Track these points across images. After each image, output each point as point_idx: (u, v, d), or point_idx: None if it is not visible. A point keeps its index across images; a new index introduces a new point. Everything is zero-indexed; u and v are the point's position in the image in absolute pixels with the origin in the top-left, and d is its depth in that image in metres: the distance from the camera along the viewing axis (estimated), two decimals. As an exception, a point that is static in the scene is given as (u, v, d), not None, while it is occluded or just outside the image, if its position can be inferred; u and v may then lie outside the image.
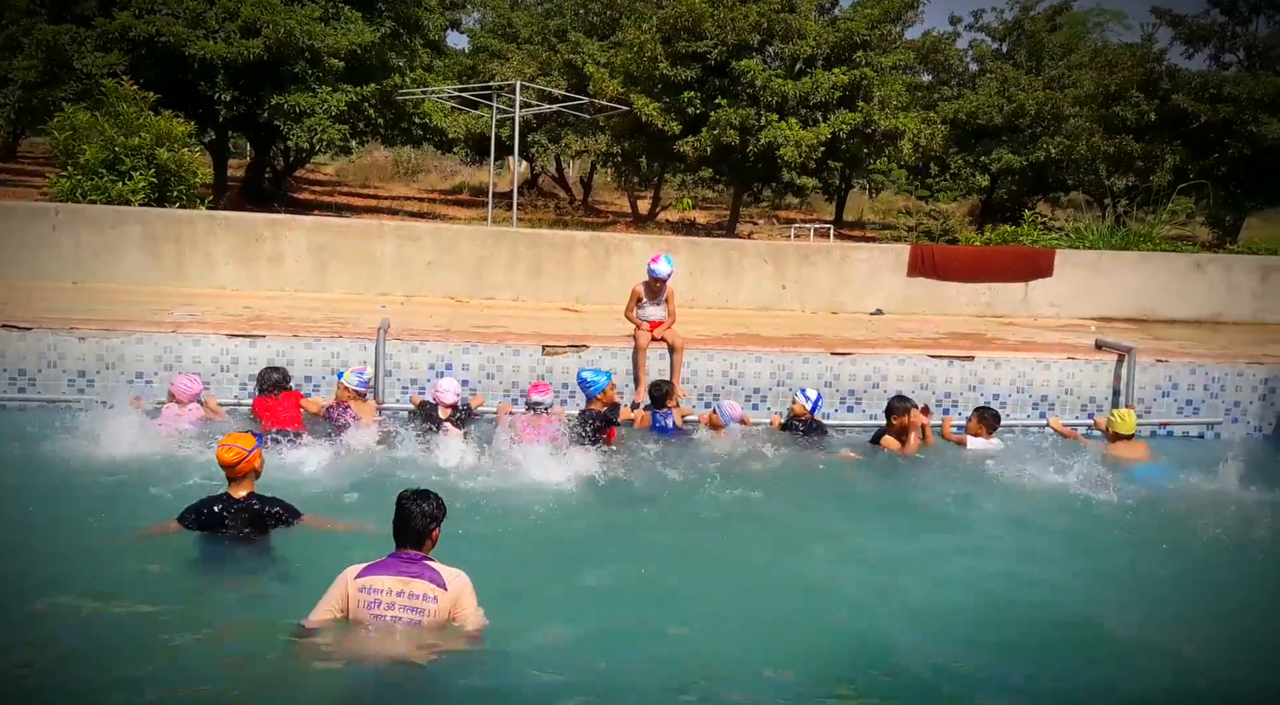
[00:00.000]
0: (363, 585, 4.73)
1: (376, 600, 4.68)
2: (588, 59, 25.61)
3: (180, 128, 15.09)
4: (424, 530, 4.86)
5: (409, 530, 4.86)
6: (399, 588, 4.69)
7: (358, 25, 21.07)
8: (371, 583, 4.72)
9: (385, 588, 4.70)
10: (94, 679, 4.64)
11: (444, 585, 4.72)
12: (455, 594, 4.72)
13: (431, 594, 4.69)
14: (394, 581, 4.71)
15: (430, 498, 4.95)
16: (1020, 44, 30.55)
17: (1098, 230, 17.00)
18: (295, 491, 7.00)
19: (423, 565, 4.78)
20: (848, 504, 7.94)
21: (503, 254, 12.88)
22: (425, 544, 4.88)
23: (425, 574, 4.74)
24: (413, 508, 4.87)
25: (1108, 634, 5.76)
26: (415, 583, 4.70)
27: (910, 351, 10.45)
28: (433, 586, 4.70)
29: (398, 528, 4.88)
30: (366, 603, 4.69)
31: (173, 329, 9.55)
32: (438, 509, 4.94)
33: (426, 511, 4.88)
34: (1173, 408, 10.49)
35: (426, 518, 4.87)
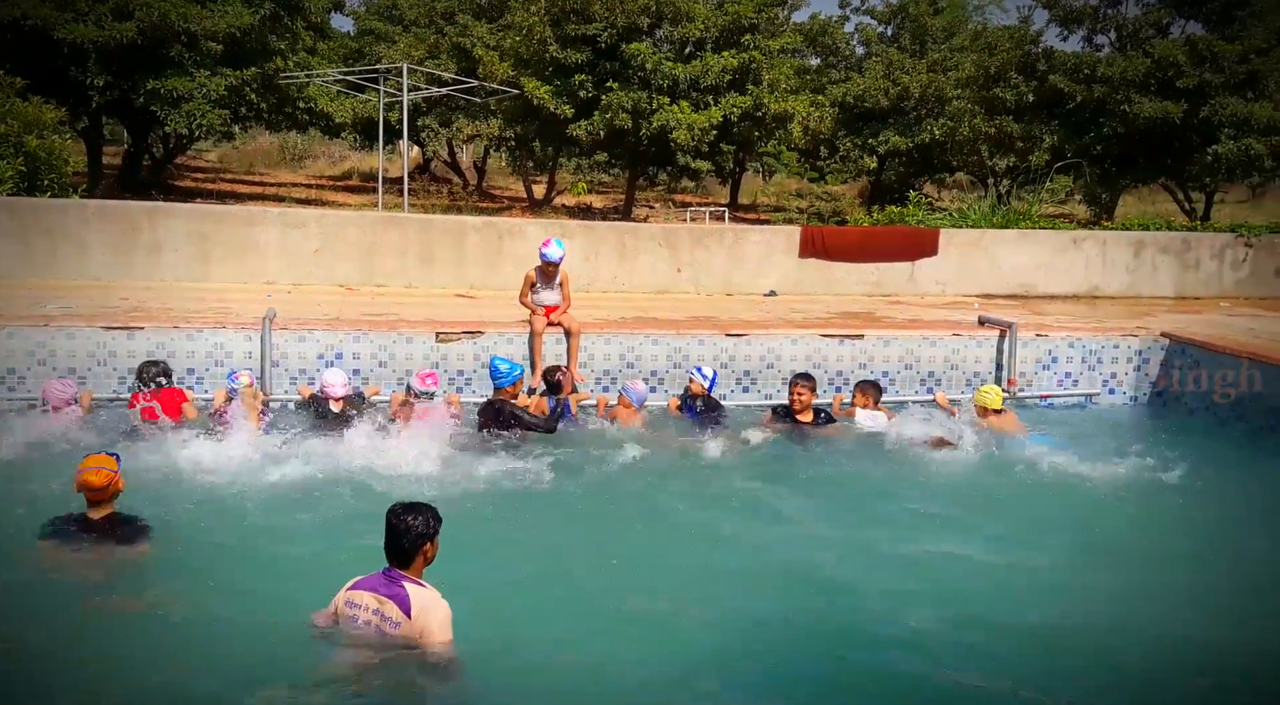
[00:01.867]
0: (348, 598, 4.69)
1: (355, 615, 4.64)
2: (476, 42, 25.26)
3: (50, 114, 14.44)
4: (412, 549, 4.64)
5: (397, 549, 4.65)
6: (375, 606, 4.61)
7: (236, 7, 20.38)
8: (354, 597, 4.67)
9: (364, 604, 4.63)
10: None
11: (410, 614, 4.53)
12: (421, 625, 4.52)
13: (397, 619, 4.55)
14: (372, 599, 4.62)
15: (421, 512, 4.69)
16: (905, 28, 31.21)
17: (980, 210, 17.51)
18: (176, 489, 6.82)
19: (399, 586, 4.59)
20: (752, 481, 8.02)
21: (393, 240, 12.65)
22: (414, 562, 4.66)
23: (399, 598, 4.57)
24: (400, 525, 4.64)
25: (1001, 598, 6.02)
26: (388, 605, 4.58)
27: (803, 331, 10.63)
28: (400, 612, 4.54)
29: (386, 545, 4.68)
30: (348, 616, 4.66)
31: (44, 322, 9.13)
32: (428, 525, 4.67)
33: (415, 529, 4.63)
34: (1053, 380, 10.91)
35: (416, 536, 4.63)
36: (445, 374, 9.68)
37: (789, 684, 5.03)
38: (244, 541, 6.17)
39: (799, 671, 5.15)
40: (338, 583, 4.82)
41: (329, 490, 7.12)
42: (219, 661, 4.89)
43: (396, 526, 4.65)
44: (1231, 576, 6.50)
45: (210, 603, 5.41)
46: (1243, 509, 7.72)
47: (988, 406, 9.56)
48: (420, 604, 4.56)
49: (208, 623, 5.23)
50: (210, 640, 5.08)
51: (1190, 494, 7.79)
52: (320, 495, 7.03)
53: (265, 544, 6.19)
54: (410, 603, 4.55)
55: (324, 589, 4.88)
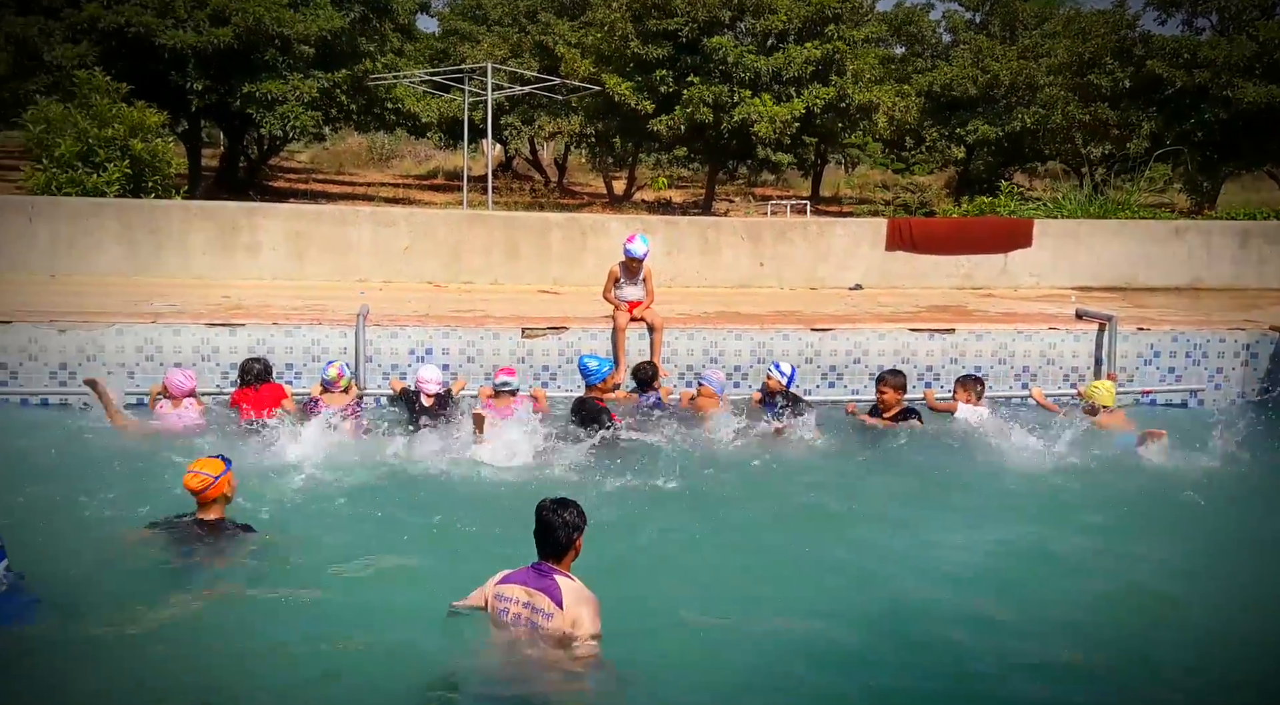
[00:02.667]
0: (498, 592, 4.79)
1: (505, 608, 4.73)
2: (558, 40, 25.48)
3: (153, 118, 14.96)
4: (566, 542, 4.73)
5: (550, 543, 4.73)
6: (525, 598, 4.69)
7: (327, 11, 20.88)
8: (504, 591, 4.77)
9: (514, 597, 4.72)
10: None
11: (561, 604, 4.61)
12: (573, 615, 4.59)
13: (549, 611, 4.62)
14: (522, 592, 4.71)
15: (570, 507, 4.79)
16: (994, 14, 30.54)
17: (1075, 199, 17.06)
18: (275, 482, 6.99)
19: (551, 579, 4.68)
20: (844, 476, 7.92)
21: (479, 238, 12.82)
22: (566, 556, 4.76)
23: (550, 590, 4.65)
24: (554, 519, 4.72)
25: (1101, 598, 5.85)
26: (539, 596, 4.66)
27: (890, 325, 10.47)
28: (552, 603, 4.62)
29: (538, 539, 4.76)
30: (498, 609, 4.76)
31: (152, 319, 9.47)
32: (579, 518, 4.78)
33: (568, 522, 4.73)
34: (1155, 376, 10.56)
35: (569, 528, 4.72)
36: (530, 369, 9.77)
37: (890, 675, 4.98)
38: (346, 535, 6.29)
39: (898, 662, 5.11)
40: (438, 573, 4.90)
41: (422, 483, 7.26)
42: (355, 653, 4.99)
43: (550, 521, 4.72)
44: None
45: (319, 596, 5.54)
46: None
47: (1098, 403, 9.25)
48: (572, 595, 4.65)
49: (322, 616, 5.34)
50: (335, 633, 5.17)
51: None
52: (414, 488, 7.17)
53: (367, 537, 6.29)
54: (561, 594, 4.64)
55: (427, 580, 5.03)
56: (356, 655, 4.98)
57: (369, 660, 4.93)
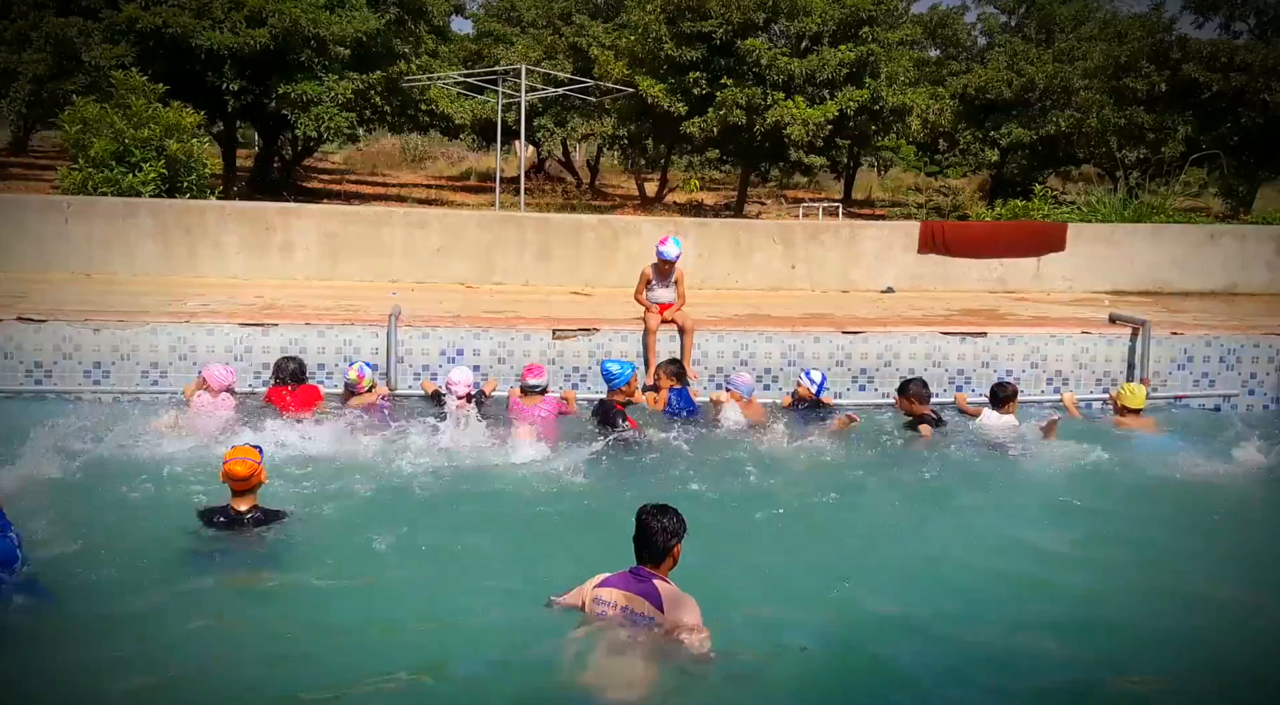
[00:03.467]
0: (596, 596, 4.84)
1: (604, 611, 4.79)
2: (592, 41, 25.55)
3: (189, 119, 15.12)
4: (665, 548, 4.78)
5: (650, 548, 4.79)
6: (624, 603, 4.75)
7: (362, 12, 21.04)
8: (602, 594, 4.82)
9: (612, 601, 4.78)
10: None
11: (662, 608, 4.66)
12: (675, 620, 4.65)
13: (650, 615, 4.68)
14: (621, 596, 4.77)
15: (670, 513, 4.84)
16: (1030, 17, 30.30)
17: (1110, 203, 16.90)
18: (306, 477, 7.07)
19: (651, 584, 4.73)
20: (867, 482, 7.86)
21: (511, 239, 12.88)
22: (665, 562, 4.81)
23: (649, 594, 4.70)
24: (654, 524, 4.78)
25: (1119, 604, 5.82)
26: (639, 601, 4.71)
27: (922, 329, 10.41)
28: (654, 608, 4.67)
29: (638, 544, 4.82)
30: (597, 612, 4.82)
31: (186, 319, 9.59)
32: (678, 525, 4.83)
33: (668, 528, 4.78)
34: (1188, 381, 10.43)
35: (668, 534, 4.78)
36: (561, 371, 9.80)
37: (901, 674, 5.00)
38: (377, 532, 6.31)
39: (915, 659, 5.13)
40: (466, 573, 4.93)
41: (449, 483, 7.31)
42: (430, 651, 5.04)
43: (651, 526, 4.78)
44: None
45: (362, 582, 5.65)
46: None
47: (1128, 406, 9.18)
48: (671, 598, 4.69)
49: (374, 601, 5.45)
50: (393, 618, 5.28)
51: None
52: (441, 488, 7.22)
53: (402, 534, 6.33)
54: (661, 597, 4.68)
55: (465, 580, 5.18)
56: (418, 642, 5.06)
57: (434, 649, 5.00)
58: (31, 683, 4.60)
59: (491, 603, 5.46)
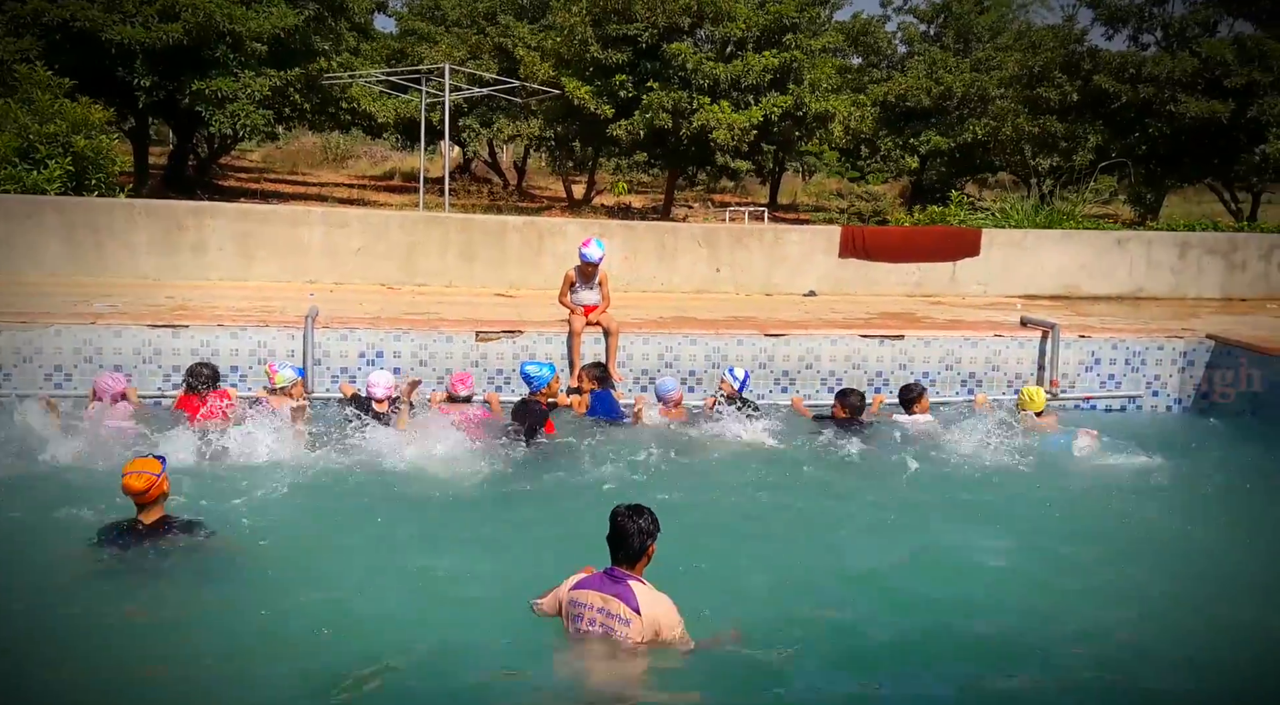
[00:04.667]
0: (572, 597, 4.85)
1: (580, 613, 4.79)
2: (518, 42, 25.40)
3: (98, 115, 14.67)
4: (640, 548, 4.81)
5: (626, 548, 4.80)
6: (600, 604, 4.75)
7: (280, 8, 20.61)
8: (578, 596, 4.82)
9: (589, 602, 4.78)
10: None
11: (638, 610, 4.68)
12: (652, 621, 4.69)
13: (626, 617, 4.69)
14: (597, 597, 4.77)
15: (645, 513, 4.86)
16: (948, 26, 30.95)
17: (1023, 209, 17.31)
18: (227, 486, 6.89)
19: (626, 586, 4.75)
20: (780, 481, 7.94)
21: (434, 240, 12.74)
22: (640, 562, 4.84)
23: (625, 596, 4.72)
24: (630, 525, 4.80)
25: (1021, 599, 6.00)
26: (614, 602, 4.73)
27: (842, 332, 10.56)
28: (629, 610, 4.69)
29: (613, 544, 4.83)
30: (573, 615, 4.82)
31: (92, 321, 9.30)
32: (652, 525, 4.86)
33: (643, 528, 4.80)
34: (1095, 382, 10.75)
35: (643, 534, 4.80)
36: (485, 373, 9.73)
37: (822, 666, 5.09)
38: (293, 539, 6.23)
39: (834, 651, 5.24)
40: (402, 575, 5.07)
41: (365, 487, 7.22)
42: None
43: (626, 527, 4.80)
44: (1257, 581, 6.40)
45: (287, 592, 5.53)
46: (1272, 508, 7.60)
47: (1030, 409, 9.45)
48: (647, 599, 4.73)
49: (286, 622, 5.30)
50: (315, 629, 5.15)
51: (1224, 497, 7.69)
52: (357, 492, 7.13)
53: (311, 540, 6.26)
54: (637, 599, 4.71)
55: (394, 583, 5.21)
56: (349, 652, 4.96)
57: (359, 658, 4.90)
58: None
59: (425, 606, 5.42)
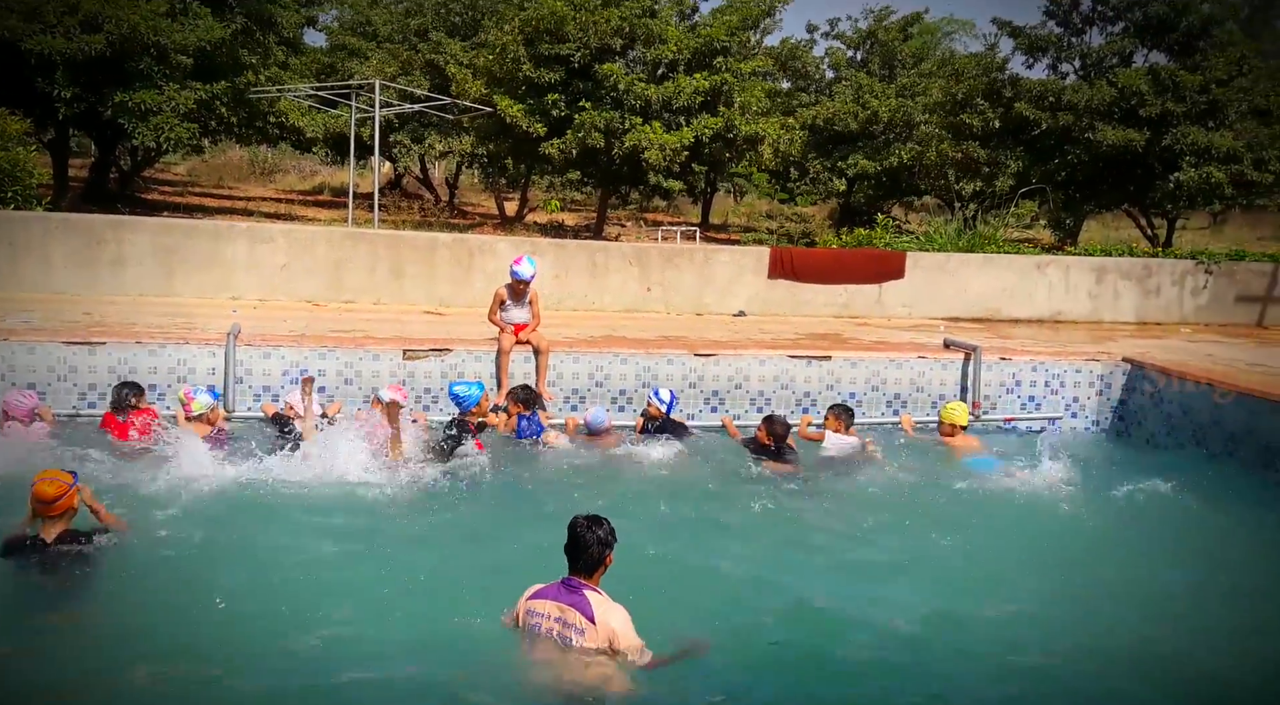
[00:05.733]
0: (529, 607, 4.95)
1: (538, 623, 4.89)
2: (450, 59, 25.31)
3: (15, 126, 14.30)
4: (598, 558, 4.89)
5: (583, 558, 4.89)
6: (557, 613, 4.85)
7: (207, 21, 20.25)
8: (535, 606, 4.93)
9: (546, 612, 4.89)
10: None
11: (593, 619, 4.77)
12: (606, 632, 4.78)
13: (581, 626, 4.78)
14: (554, 607, 4.87)
15: (602, 523, 4.95)
16: (874, 53, 31.56)
17: (946, 233, 17.69)
18: (150, 504, 6.74)
19: (581, 595, 4.84)
20: (699, 502, 7.98)
21: (362, 256, 12.61)
22: (597, 571, 4.92)
23: (580, 605, 4.81)
24: (589, 535, 4.88)
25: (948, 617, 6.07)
26: (570, 612, 4.82)
27: (771, 352, 10.68)
28: (584, 619, 4.78)
29: (570, 554, 4.91)
30: (530, 624, 4.93)
31: (5, 337, 9.01)
32: (610, 535, 4.95)
33: (601, 538, 4.89)
34: (1016, 404, 11.01)
35: (601, 544, 4.89)
36: (413, 392, 9.63)
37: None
38: (217, 554, 6.13)
39: (748, 680, 5.22)
40: (318, 591, 5.02)
41: (290, 505, 7.10)
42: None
43: (584, 537, 4.89)
44: (1163, 599, 6.59)
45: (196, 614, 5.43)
46: (1183, 529, 7.84)
47: (955, 423, 9.64)
48: (601, 608, 4.83)
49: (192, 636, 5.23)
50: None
51: (1134, 516, 7.92)
52: (282, 510, 7.01)
53: (239, 556, 6.15)
54: (592, 608, 4.81)
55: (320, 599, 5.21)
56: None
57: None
58: None
59: (350, 617, 5.41)
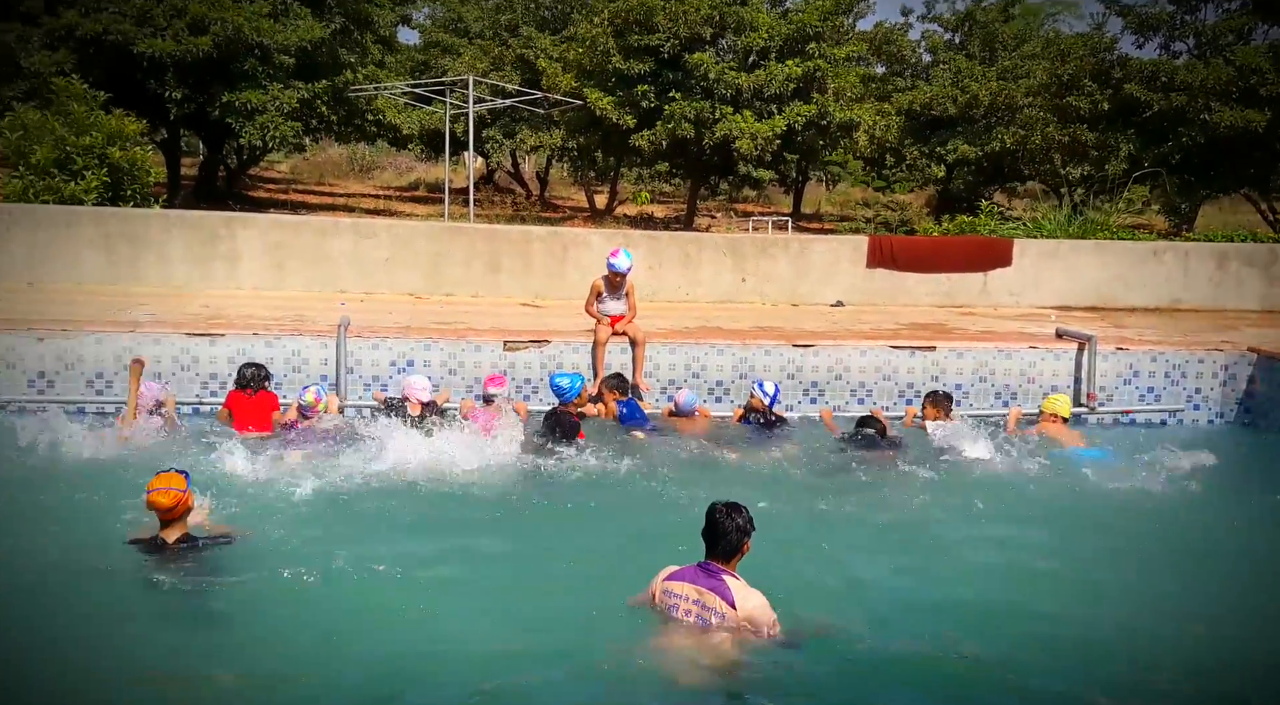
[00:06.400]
0: (666, 587, 4.99)
1: (675, 604, 4.93)
2: (540, 53, 25.51)
3: (132, 126, 14.81)
4: (736, 545, 4.92)
5: (721, 545, 4.92)
6: (695, 596, 4.88)
7: (307, 21, 20.78)
8: (673, 587, 4.96)
9: (684, 594, 4.92)
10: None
11: (734, 605, 4.81)
12: (746, 616, 4.81)
13: (721, 611, 4.81)
14: (692, 590, 4.90)
15: (741, 511, 4.97)
16: (973, 35, 30.80)
17: (1055, 219, 17.17)
18: (263, 494, 6.89)
19: (720, 580, 4.87)
20: (801, 494, 7.83)
21: (459, 250, 12.77)
22: (734, 558, 4.95)
23: (720, 590, 4.84)
24: (727, 523, 4.91)
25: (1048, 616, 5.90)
26: (709, 596, 4.85)
27: (871, 342, 10.49)
28: (725, 604, 4.81)
29: (709, 540, 4.95)
30: (668, 604, 4.96)
31: (132, 329, 9.39)
32: (748, 523, 4.97)
33: (740, 526, 4.92)
34: (1134, 396, 10.61)
35: (740, 533, 4.91)
36: (513, 382, 9.71)
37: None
38: (324, 546, 6.19)
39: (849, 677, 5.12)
40: (435, 586, 5.14)
41: (404, 492, 7.24)
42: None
43: (722, 523, 4.91)
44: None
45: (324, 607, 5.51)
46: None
47: (1059, 414, 9.33)
48: (742, 595, 4.85)
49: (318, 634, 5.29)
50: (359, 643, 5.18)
51: (1270, 508, 7.55)
52: (397, 497, 7.15)
53: (360, 547, 6.21)
54: (733, 594, 4.83)
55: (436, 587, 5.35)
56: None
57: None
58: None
59: (464, 614, 5.47)
